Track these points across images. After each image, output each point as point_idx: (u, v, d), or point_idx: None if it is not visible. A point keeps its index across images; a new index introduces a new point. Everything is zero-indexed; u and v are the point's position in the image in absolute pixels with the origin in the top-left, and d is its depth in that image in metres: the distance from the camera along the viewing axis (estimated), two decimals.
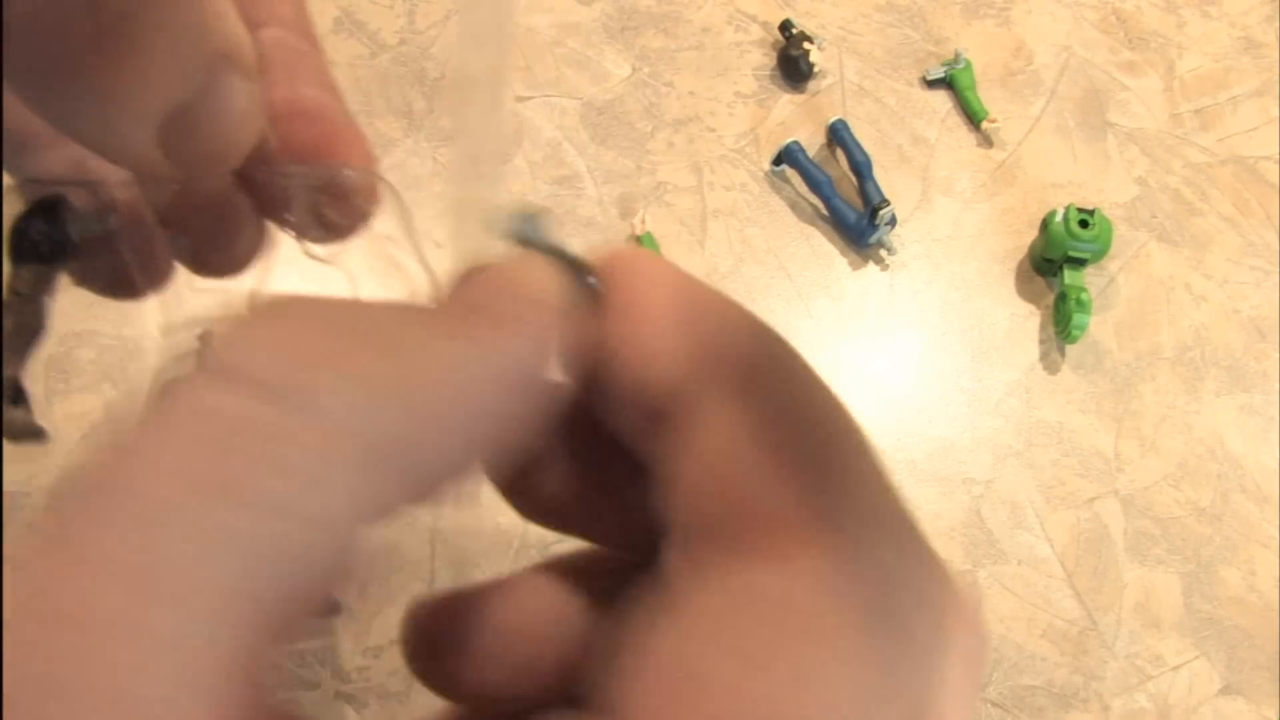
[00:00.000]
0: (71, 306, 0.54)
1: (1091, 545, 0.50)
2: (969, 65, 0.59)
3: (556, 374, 0.12)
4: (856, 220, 0.54)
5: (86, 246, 0.22)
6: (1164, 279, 0.56)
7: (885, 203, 0.53)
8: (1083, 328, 0.51)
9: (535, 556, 0.49)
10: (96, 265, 0.22)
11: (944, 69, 0.59)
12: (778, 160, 0.56)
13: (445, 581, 0.48)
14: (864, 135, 0.57)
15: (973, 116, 0.58)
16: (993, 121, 0.58)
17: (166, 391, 0.10)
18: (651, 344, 0.13)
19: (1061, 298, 0.53)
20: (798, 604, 0.11)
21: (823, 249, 0.56)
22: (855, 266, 0.55)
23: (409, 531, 0.49)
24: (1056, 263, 0.53)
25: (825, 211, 0.56)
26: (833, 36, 0.61)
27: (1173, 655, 0.48)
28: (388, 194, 0.22)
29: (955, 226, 0.56)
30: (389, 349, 0.11)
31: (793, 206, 0.56)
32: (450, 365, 0.11)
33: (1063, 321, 0.52)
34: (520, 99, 0.58)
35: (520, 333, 0.12)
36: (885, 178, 0.57)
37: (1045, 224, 0.54)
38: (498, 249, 0.14)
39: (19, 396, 0.23)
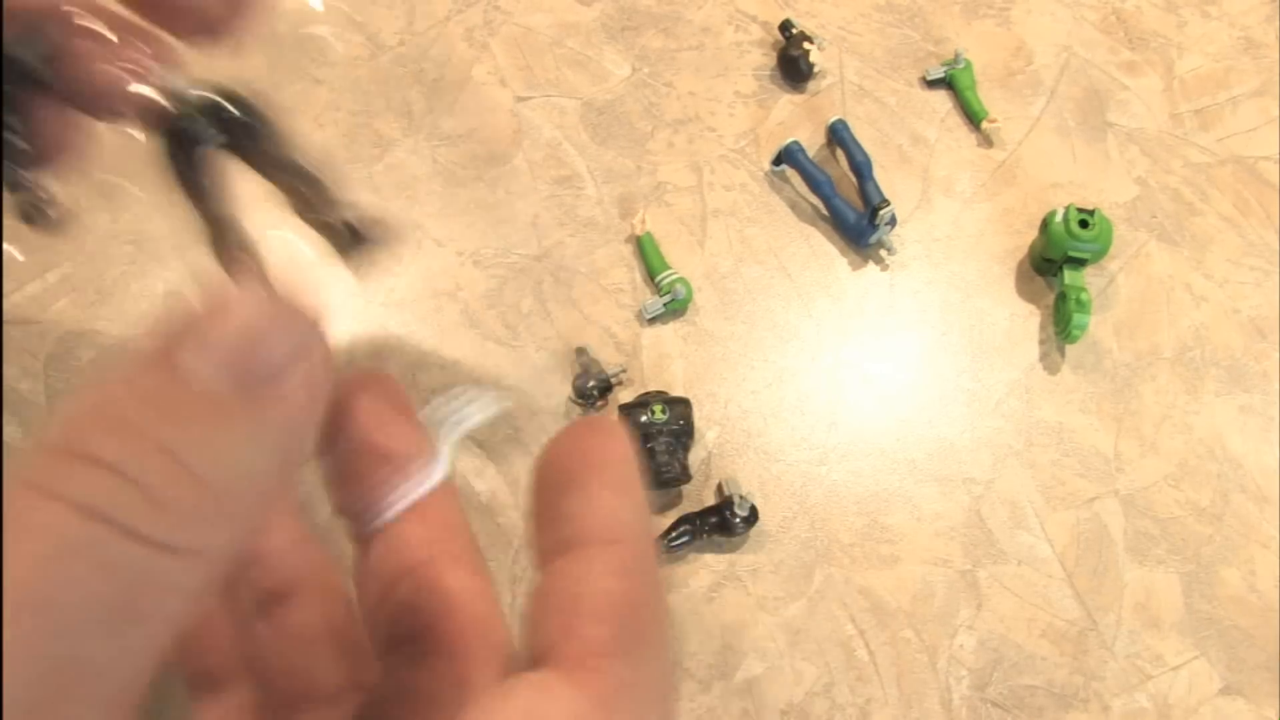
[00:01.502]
0: (71, 306, 0.54)
1: (1091, 545, 0.50)
2: (969, 65, 0.59)
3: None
4: (856, 220, 0.54)
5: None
6: (1164, 279, 0.56)
7: (885, 203, 0.53)
8: (1083, 328, 0.51)
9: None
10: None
11: (944, 69, 0.59)
12: (778, 160, 0.56)
13: None
14: (864, 135, 0.57)
15: (973, 116, 0.58)
16: (993, 121, 0.58)
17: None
18: None
19: (1061, 298, 0.53)
20: None
21: (823, 249, 0.56)
22: (855, 266, 0.55)
23: None
24: (1056, 263, 0.53)
25: (825, 211, 0.56)
26: (833, 36, 0.61)
27: (1173, 655, 0.48)
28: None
29: (955, 226, 0.56)
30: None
31: (793, 206, 0.56)
32: None
33: (1063, 321, 0.52)
34: (520, 99, 0.58)
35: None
36: (885, 178, 0.57)
37: (1045, 224, 0.54)
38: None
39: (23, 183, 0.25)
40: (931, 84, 0.59)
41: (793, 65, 0.58)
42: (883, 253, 0.55)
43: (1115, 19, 0.63)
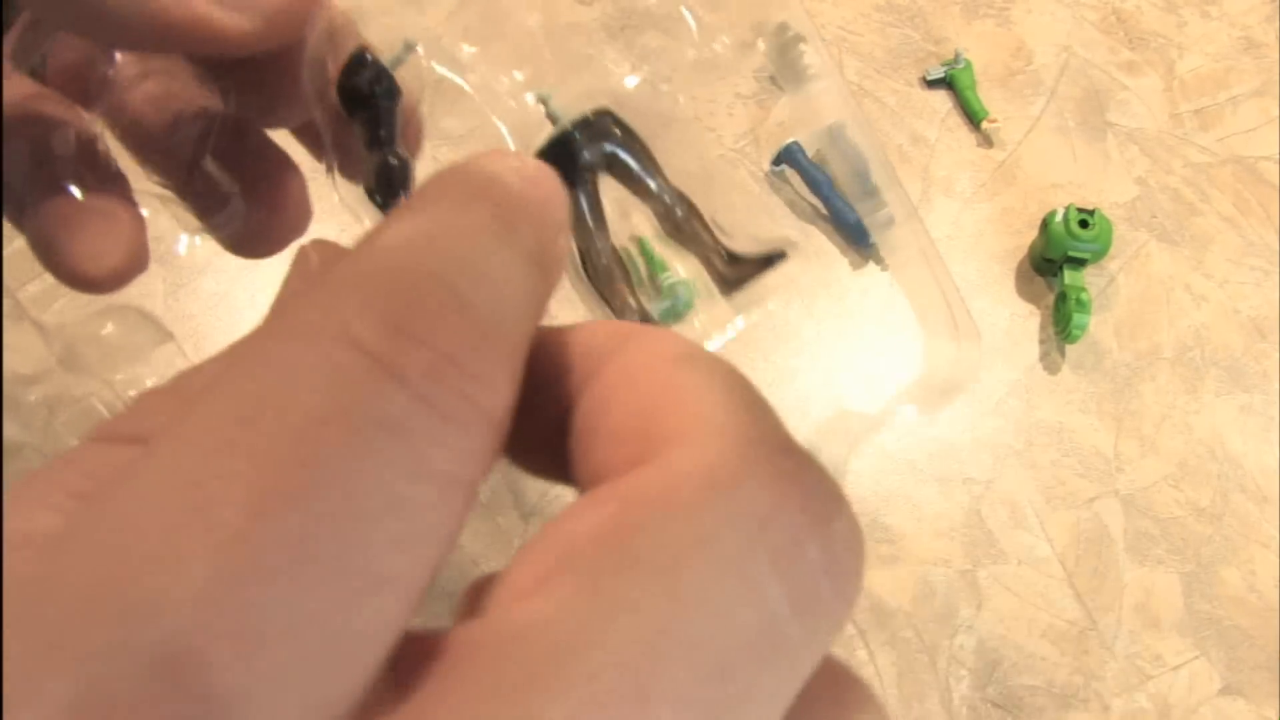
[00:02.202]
0: (70, 306, 0.54)
1: (1091, 545, 0.50)
2: (969, 65, 0.59)
3: None
4: (856, 220, 0.54)
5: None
6: (1164, 279, 0.56)
7: (884, 203, 0.53)
8: (1083, 328, 0.51)
9: None
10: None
11: (944, 69, 0.59)
12: (778, 160, 0.56)
13: (446, 581, 0.48)
14: None
15: (973, 116, 0.58)
16: (993, 121, 0.58)
17: None
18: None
19: (1061, 298, 0.53)
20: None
21: (823, 249, 0.56)
22: (855, 266, 0.55)
23: None
24: (1056, 263, 0.53)
25: (825, 211, 0.56)
26: (833, 36, 0.61)
27: (1173, 655, 0.48)
28: None
29: (955, 226, 0.56)
30: None
31: (792, 206, 0.56)
32: None
33: (1063, 321, 0.52)
34: None
35: None
36: None
37: (1045, 224, 0.54)
38: None
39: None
40: (931, 84, 0.59)
41: None
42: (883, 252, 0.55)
43: (1115, 19, 0.63)
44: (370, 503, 0.09)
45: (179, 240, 0.25)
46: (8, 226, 0.24)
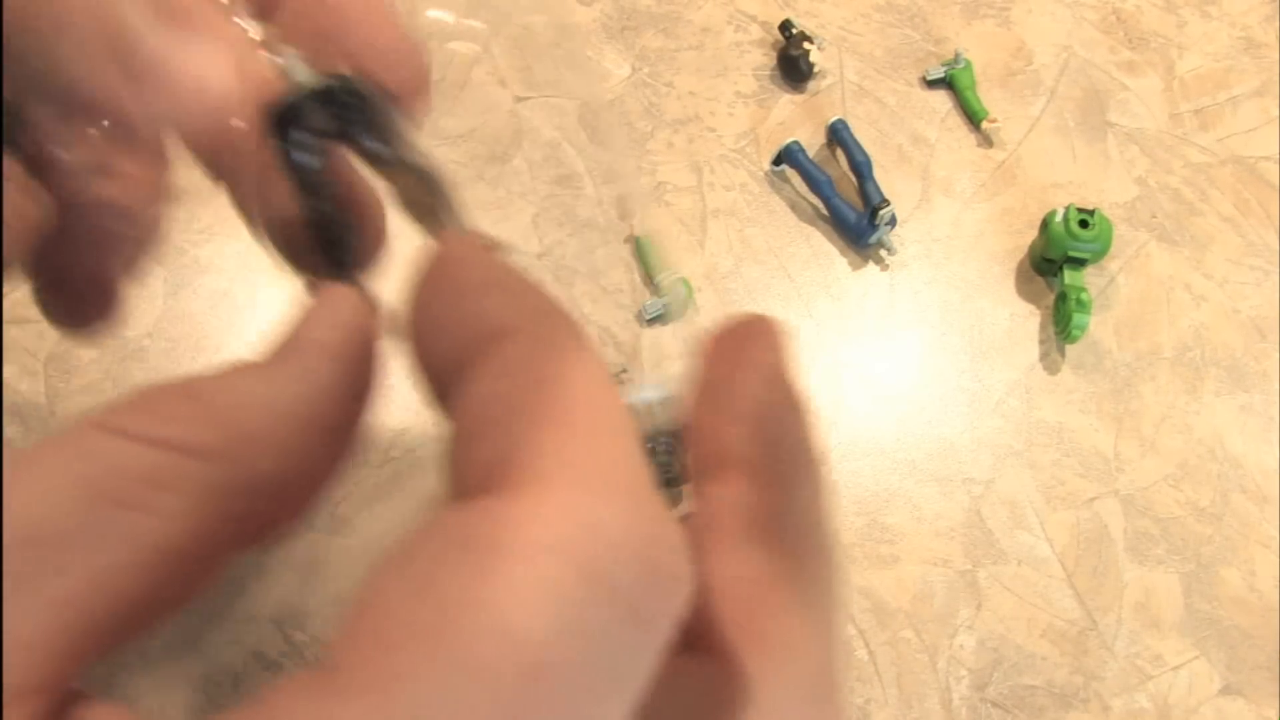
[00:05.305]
0: None
1: (1091, 545, 0.50)
2: (969, 65, 0.59)
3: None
4: (856, 220, 0.54)
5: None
6: (1164, 279, 0.56)
7: (885, 203, 0.53)
8: (1083, 328, 0.51)
9: None
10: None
11: (944, 69, 0.59)
12: (778, 160, 0.56)
13: None
14: (864, 135, 0.57)
15: (973, 116, 0.58)
16: (993, 121, 0.58)
17: None
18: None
19: (1061, 298, 0.53)
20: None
21: (823, 249, 0.56)
22: (855, 266, 0.55)
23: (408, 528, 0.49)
24: (1056, 263, 0.53)
25: (825, 211, 0.56)
26: (833, 36, 0.61)
27: (1173, 655, 0.48)
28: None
29: (955, 226, 0.56)
30: None
31: (793, 206, 0.56)
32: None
33: (1063, 321, 0.52)
34: (519, 99, 0.58)
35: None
36: (885, 178, 0.57)
37: (1045, 224, 0.54)
38: None
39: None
40: (931, 84, 0.60)
41: (793, 65, 0.58)
42: (883, 253, 0.55)
43: (1115, 19, 0.63)
44: None
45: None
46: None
